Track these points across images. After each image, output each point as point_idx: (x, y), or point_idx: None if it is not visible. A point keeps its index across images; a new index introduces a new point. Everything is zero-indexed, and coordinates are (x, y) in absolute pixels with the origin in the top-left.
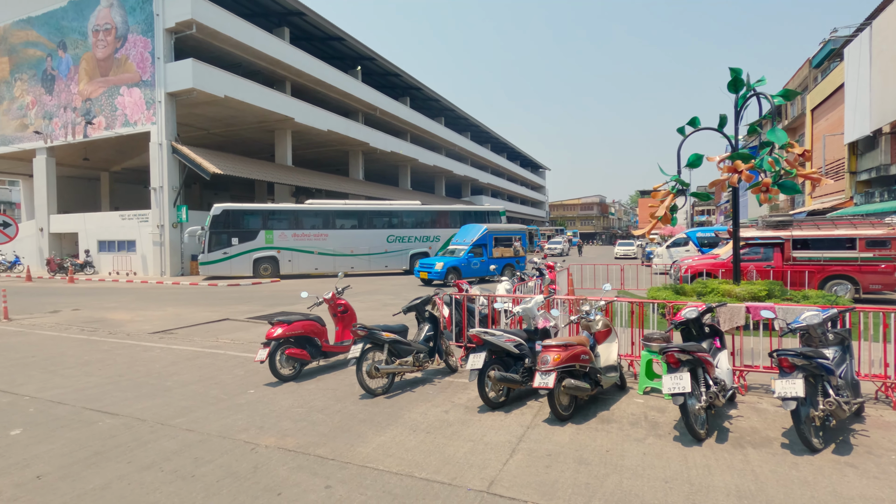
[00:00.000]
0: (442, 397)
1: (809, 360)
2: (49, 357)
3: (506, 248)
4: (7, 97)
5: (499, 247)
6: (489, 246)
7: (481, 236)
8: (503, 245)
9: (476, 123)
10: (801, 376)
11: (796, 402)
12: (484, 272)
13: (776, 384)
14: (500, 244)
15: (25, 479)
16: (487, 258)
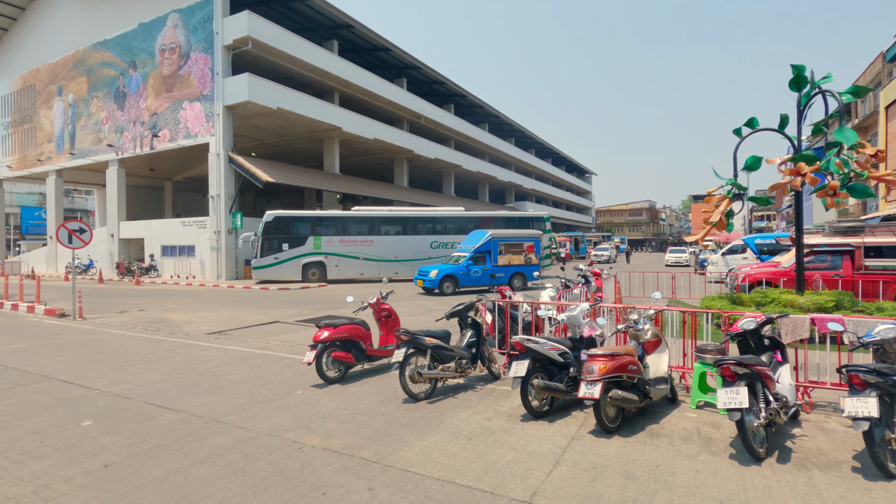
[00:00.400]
0: (484, 404)
1: (885, 378)
2: (117, 354)
3: (515, 255)
4: (85, 114)
5: (506, 254)
6: (493, 253)
7: (484, 242)
8: (511, 252)
9: (520, 129)
10: (874, 395)
11: (869, 422)
12: (485, 281)
13: (845, 402)
14: (507, 251)
15: (94, 468)
16: (491, 266)
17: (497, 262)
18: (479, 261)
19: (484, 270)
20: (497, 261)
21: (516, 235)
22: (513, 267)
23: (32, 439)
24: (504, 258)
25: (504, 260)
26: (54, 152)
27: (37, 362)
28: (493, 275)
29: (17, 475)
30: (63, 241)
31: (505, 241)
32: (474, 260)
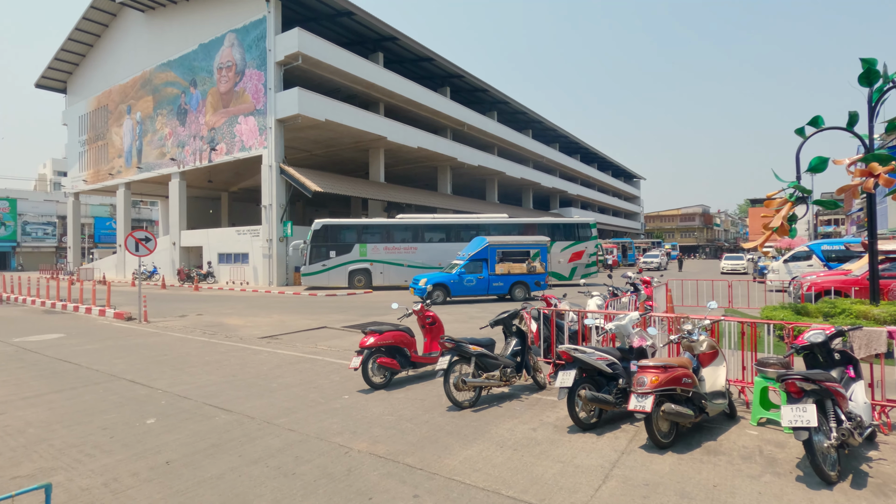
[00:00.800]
0: (530, 414)
1: None
2: (177, 356)
3: (516, 263)
4: (150, 130)
5: (505, 262)
6: (491, 261)
7: (480, 250)
8: (512, 260)
9: (564, 134)
10: None
11: None
12: (481, 290)
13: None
14: (507, 259)
15: (157, 464)
16: (487, 275)
17: (494, 270)
18: (475, 269)
19: (479, 279)
20: (494, 269)
21: (518, 242)
22: (513, 276)
23: (103, 434)
24: (503, 266)
25: (503, 268)
26: (123, 167)
27: (107, 362)
28: (494, 284)
29: (89, 467)
30: (130, 250)
31: (504, 248)
32: (469, 268)
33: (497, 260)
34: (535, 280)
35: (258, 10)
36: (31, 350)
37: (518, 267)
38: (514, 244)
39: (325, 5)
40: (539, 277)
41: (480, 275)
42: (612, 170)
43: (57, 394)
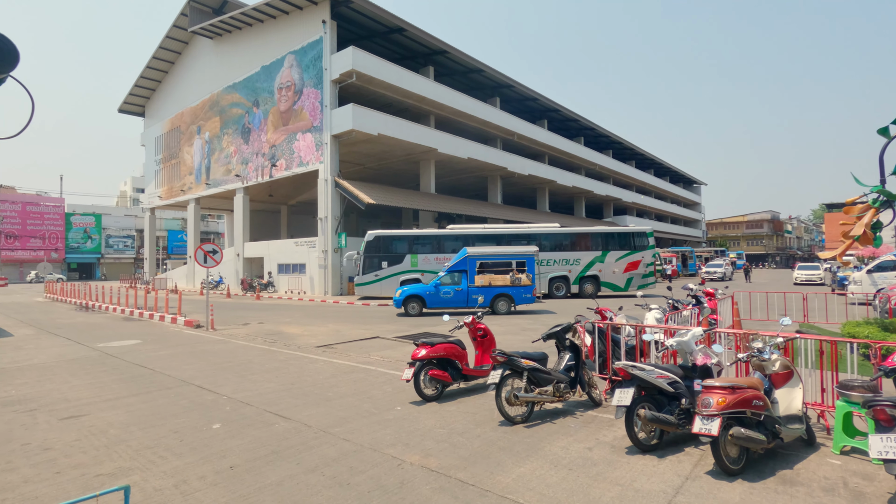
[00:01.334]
0: (585, 432)
1: None
2: (241, 363)
3: (498, 275)
4: (218, 149)
5: (486, 273)
6: (470, 272)
7: (459, 261)
8: (494, 272)
9: (618, 140)
10: None
11: None
12: (460, 303)
13: None
14: (487, 270)
15: (222, 468)
16: (466, 287)
17: (474, 282)
18: (454, 281)
19: (457, 291)
20: (474, 280)
21: (501, 253)
22: (495, 288)
23: (174, 438)
24: (483, 278)
25: (483, 280)
26: (194, 183)
27: (177, 368)
28: (474, 296)
29: (162, 469)
30: (199, 261)
31: (484, 259)
32: (447, 279)
33: (477, 271)
34: (521, 293)
35: (315, 32)
36: (112, 355)
37: (501, 279)
38: (495, 255)
39: (377, 23)
40: (525, 290)
41: (459, 286)
42: (669, 175)
43: (134, 397)
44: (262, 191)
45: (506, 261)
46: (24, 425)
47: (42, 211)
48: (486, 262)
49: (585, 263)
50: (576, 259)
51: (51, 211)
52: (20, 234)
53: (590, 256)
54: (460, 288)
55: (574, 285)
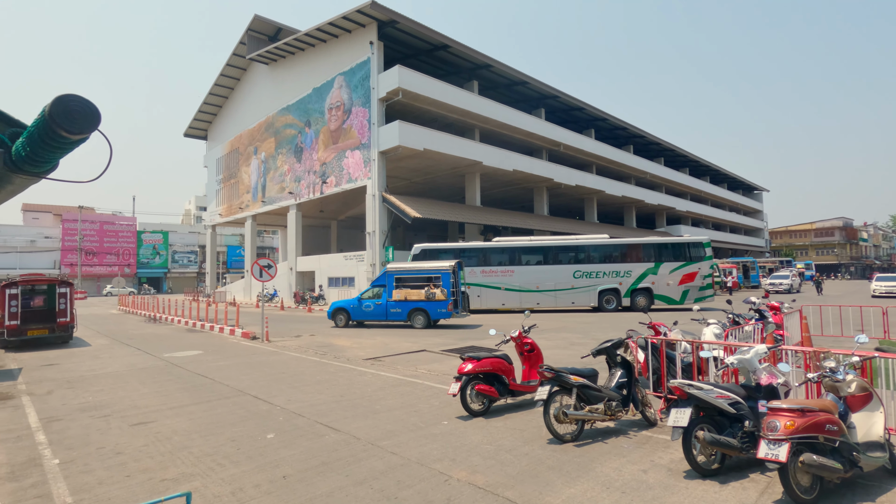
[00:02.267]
0: (639, 453)
1: None
2: (293, 374)
3: (413, 290)
4: (272, 168)
5: (402, 288)
6: (389, 287)
7: (380, 276)
8: (410, 287)
9: (670, 147)
10: None
11: None
12: (380, 316)
13: None
14: (404, 285)
15: (276, 477)
16: (385, 301)
17: (392, 296)
18: (376, 295)
19: (377, 305)
20: (392, 295)
21: (416, 269)
22: (411, 303)
23: (231, 446)
24: (400, 293)
25: (400, 295)
26: (250, 201)
27: (235, 378)
28: (389, 310)
29: (220, 476)
30: (255, 276)
31: (400, 274)
32: (369, 294)
33: (394, 286)
34: (436, 308)
35: (363, 53)
36: (176, 365)
37: (416, 293)
38: (411, 270)
39: (422, 41)
40: (440, 305)
41: (379, 301)
42: (727, 183)
43: (196, 405)
44: (313, 207)
45: (424, 276)
46: (100, 430)
47: (117, 229)
48: (404, 277)
49: (637, 275)
50: (626, 271)
51: (124, 229)
52: (98, 250)
53: (642, 268)
54: (380, 302)
55: (625, 298)
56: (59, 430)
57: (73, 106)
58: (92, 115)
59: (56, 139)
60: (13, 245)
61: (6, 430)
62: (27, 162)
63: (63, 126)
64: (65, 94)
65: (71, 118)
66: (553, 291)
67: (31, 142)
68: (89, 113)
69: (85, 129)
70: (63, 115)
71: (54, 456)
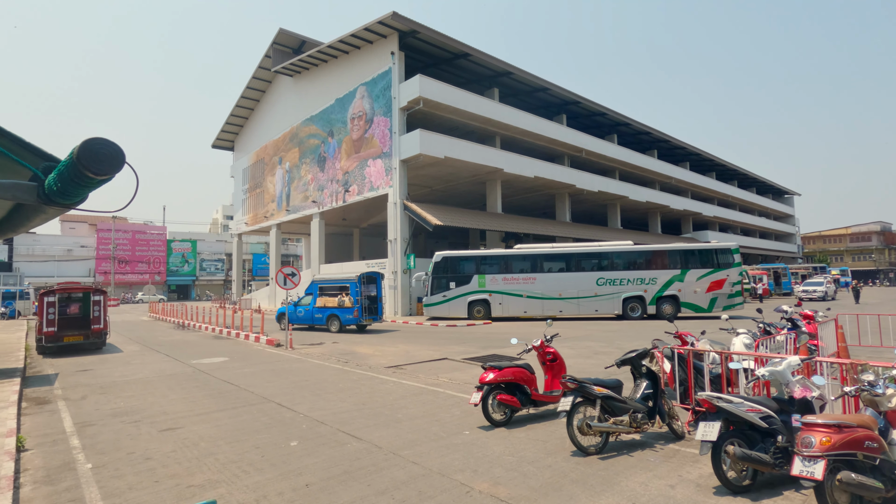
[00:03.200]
0: (666, 468)
1: None
2: (316, 382)
3: (330, 298)
4: (296, 177)
5: (323, 296)
6: (314, 295)
7: (310, 285)
8: (328, 295)
9: (695, 152)
10: None
11: None
12: (308, 320)
13: None
14: (324, 293)
15: (299, 485)
16: (312, 307)
17: (316, 303)
18: (306, 302)
19: (307, 311)
20: (316, 302)
21: (332, 279)
22: (328, 309)
23: (256, 453)
24: (321, 300)
25: (321, 302)
26: (275, 210)
27: (260, 385)
28: (314, 315)
29: (245, 483)
30: (280, 284)
31: (323, 283)
32: (302, 301)
33: (318, 294)
34: (345, 314)
35: (384, 63)
36: (203, 371)
37: (332, 301)
38: (328, 280)
39: (443, 50)
40: (348, 311)
41: (308, 307)
42: (756, 187)
43: (222, 412)
44: (336, 215)
45: (338, 286)
46: (130, 435)
47: (148, 238)
48: (325, 286)
49: (663, 283)
50: (651, 278)
51: (155, 238)
52: (130, 259)
53: (667, 275)
54: (308, 308)
55: (650, 306)
56: (92, 434)
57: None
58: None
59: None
60: (52, 254)
61: (43, 435)
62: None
63: (90, 168)
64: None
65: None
66: (576, 299)
67: (62, 179)
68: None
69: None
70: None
71: (87, 460)
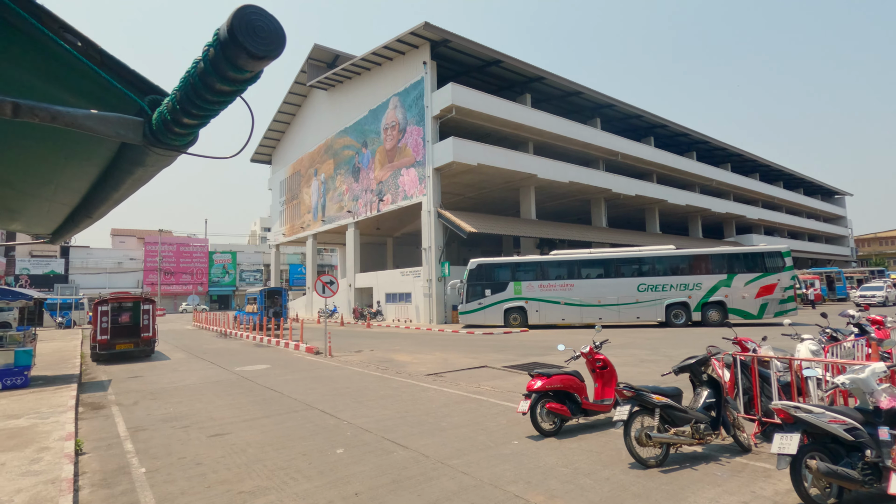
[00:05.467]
0: (736, 483)
1: None
2: (357, 389)
3: (273, 302)
4: (332, 188)
5: (269, 300)
6: (260, 300)
7: (259, 291)
8: (272, 300)
9: (737, 152)
10: None
11: None
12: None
13: None
14: (269, 298)
15: (347, 494)
16: (261, 311)
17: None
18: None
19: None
20: (265, 304)
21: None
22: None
23: (303, 460)
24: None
25: (269, 303)
26: (311, 220)
27: (302, 392)
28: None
29: (294, 490)
30: (318, 292)
31: (269, 290)
32: (250, 308)
33: (266, 298)
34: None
35: (417, 73)
36: (247, 378)
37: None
38: (275, 288)
39: (474, 58)
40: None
41: (256, 313)
42: (803, 187)
43: (267, 418)
44: (370, 225)
45: (273, 291)
46: (181, 440)
47: (191, 250)
48: (269, 292)
49: (708, 288)
50: (696, 283)
51: (198, 250)
52: (175, 270)
53: (713, 280)
54: (258, 312)
55: (696, 312)
56: (144, 439)
57: (258, 21)
58: (277, 33)
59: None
60: (103, 266)
61: (99, 438)
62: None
63: (247, 46)
64: (245, 5)
65: (256, 36)
66: (616, 306)
67: (186, 92)
68: (275, 31)
69: (271, 51)
70: (247, 32)
71: (141, 465)
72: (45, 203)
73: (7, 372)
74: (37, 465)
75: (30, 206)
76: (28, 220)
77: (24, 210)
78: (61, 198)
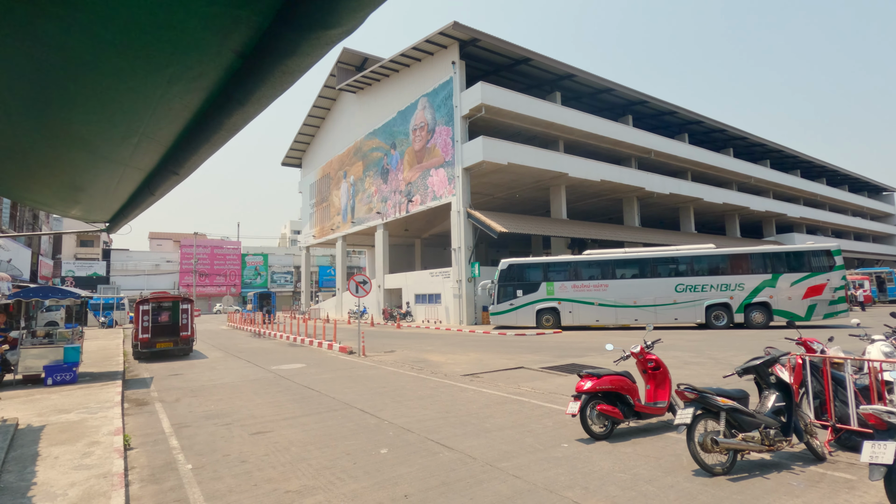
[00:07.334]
0: (816, 495)
1: None
2: (394, 389)
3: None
4: (361, 190)
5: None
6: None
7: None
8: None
9: (777, 148)
10: None
11: None
12: None
13: None
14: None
15: (397, 496)
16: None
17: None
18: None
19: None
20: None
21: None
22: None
23: (347, 459)
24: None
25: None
26: (341, 222)
27: (339, 391)
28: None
29: (341, 490)
30: (352, 291)
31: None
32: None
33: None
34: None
35: (445, 73)
36: (283, 377)
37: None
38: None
39: (503, 57)
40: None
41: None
42: (848, 184)
43: (307, 417)
44: (398, 226)
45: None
46: (224, 437)
47: (224, 253)
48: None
49: (751, 289)
50: (738, 284)
51: (231, 253)
52: (209, 272)
53: (756, 280)
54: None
55: (738, 314)
56: (188, 435)
57: None
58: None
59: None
60: (142, 269)
61: (145, 434)
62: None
63: None
64: None
65: None
66: (653, 307)
67: None
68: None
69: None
70: None
71: (187, 461)
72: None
73: (57, 368)
74: (88, 458)
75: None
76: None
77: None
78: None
